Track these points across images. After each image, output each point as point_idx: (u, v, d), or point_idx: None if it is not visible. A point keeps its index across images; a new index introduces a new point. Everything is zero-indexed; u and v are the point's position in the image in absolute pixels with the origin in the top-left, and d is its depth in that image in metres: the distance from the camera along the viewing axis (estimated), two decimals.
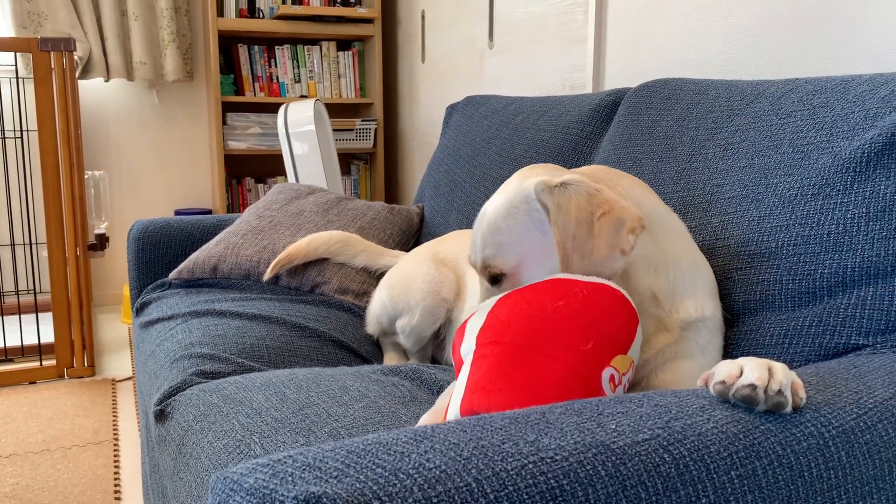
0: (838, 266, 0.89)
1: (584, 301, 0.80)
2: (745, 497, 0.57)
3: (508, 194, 0.92)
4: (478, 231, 0.93)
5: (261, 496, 0.49)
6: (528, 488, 0.52)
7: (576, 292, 0.81)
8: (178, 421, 1.08)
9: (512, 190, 0.92)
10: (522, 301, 0.83)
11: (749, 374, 0.62)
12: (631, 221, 0.86)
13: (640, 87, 1.39)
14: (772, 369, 0.63)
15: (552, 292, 0.82)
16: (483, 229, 0.92)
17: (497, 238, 0.91)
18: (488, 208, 0.93)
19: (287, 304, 1.50)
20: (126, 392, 2.61)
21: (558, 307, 0.80)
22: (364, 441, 0.56)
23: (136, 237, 1.85)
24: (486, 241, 0.92)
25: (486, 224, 0.92)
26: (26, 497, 1.86)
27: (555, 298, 0.81)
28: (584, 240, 0.86)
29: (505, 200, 0.91)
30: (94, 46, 3.38)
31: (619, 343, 0.79)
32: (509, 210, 0.90)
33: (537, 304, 0.81)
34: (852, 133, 0.94)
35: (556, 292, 0.82)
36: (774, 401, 0.61)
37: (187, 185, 3.82)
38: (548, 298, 0.82)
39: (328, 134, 3.03)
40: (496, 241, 0.91)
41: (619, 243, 0.85)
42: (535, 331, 0.79)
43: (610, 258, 0.85)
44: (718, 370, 0.66)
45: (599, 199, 0.87)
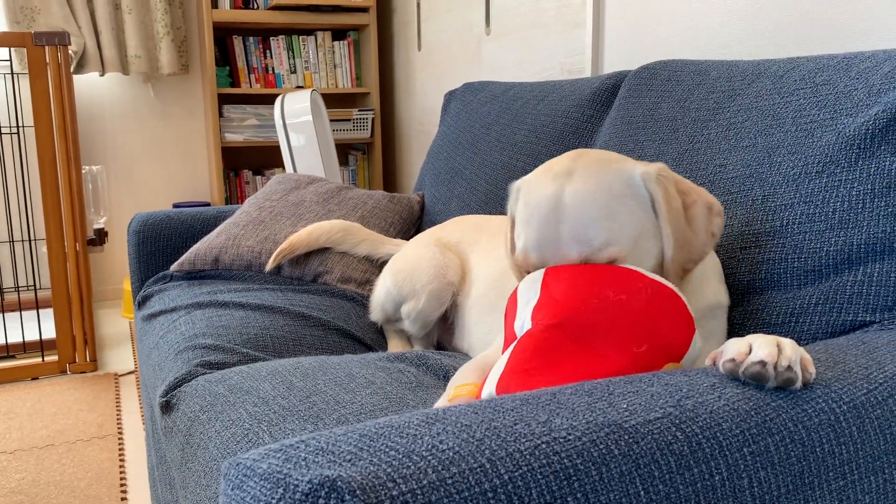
0: (844, 243, 0.89)
1: (646, 299, 0.76)
2: (757, 474, 0.57)
3: (598, 177, 0.84)
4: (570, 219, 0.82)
5: (275, 480, 0.49)
6: (541, 468, 0.52)
7: (640, 288, 0.77)
8: (185, 412, 1.08)
9: (600, 173, 0.84)
10: (583, 284, 0.78)
11: (758, 350, 0.62)
12: (716, 205, 0.88)
13: (640, 69, 1.38)
14: (780, 345, 0.63)
15: (615, 282, 0.77)
16: (584, 216, 0.82)
17: (609, 225, 0.81)
18: (577, 192, 0.83)
19: (290, 294, 1.50)
20: (129, 386, 2.61)
21: (620, 301, 0.75)
22: (376, 424, 0.56)
23: (136, 230, 1.84)
24: (594, 230, 0.81)
25: (587, 211, 0.82)
26: (32, 492, 1.86)
27: (618, 290, 0.76)
28: (685, 229, 0.85)
29: (599, 183, 0.83)
30: (88, 41, 3.37)
31: (673, 351, 0.75)
32: (614, 193, 0.83)
33: (598, 292, 0.76)
34: (856, 110, 0.93)
35: (619, 283, 0.77)
36: (784, 377, 0.61)
37: (185, 179, 3.81)
38: (610, 289, 0.76)
39: (325, 124, 3.02)
40: (608, 228, 0.81)
41: (710, 227, 0.87)
42: (591, 322, 0.75)
43: (706, 244, 0.86)
44: (727, 348, 0.66)
45: (684, 187, 0.88)
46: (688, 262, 0.85)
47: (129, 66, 3.48)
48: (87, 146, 3.61)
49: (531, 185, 0.87)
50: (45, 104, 2.60)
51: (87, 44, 3.37)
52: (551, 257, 0.83)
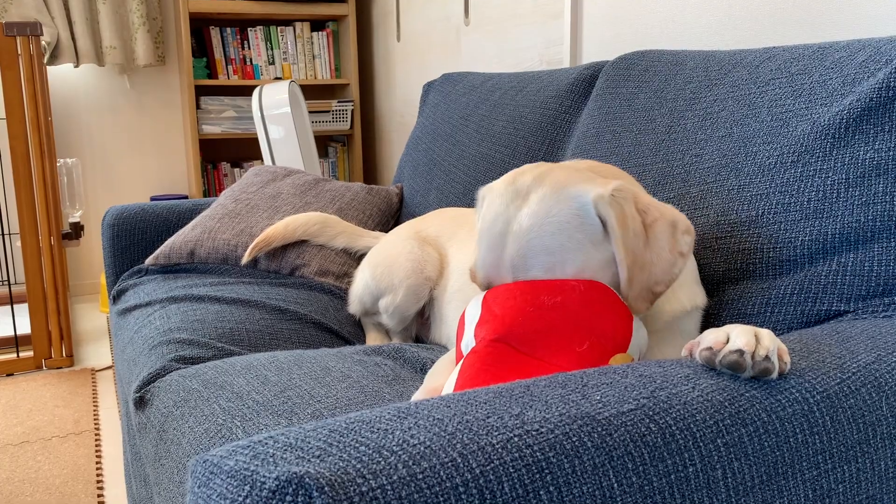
0: (818, 233, 0.89)
1: (580, 298, 0.77)
2: (731, 464, 0.57)
3: (549, 205, 0.81)
4: (513, 247, 0.82)
5: (241, 478, 0.48)
6: (513, 462, 0.51)
7: (572, 287, 0.78)
8: (158, 407, 1.07)
9: (552, 200, 0.82)
10: (519, 294, 0.78)
11: (736, 340, 0.62)
12: (682, 221, 0.83)
13: (618, 59, 1.38)
14: (758, 335, 0.63)
15: (549, 288, 0.78)
16: (524, 248, 0.81)
17: (547, 259, 0.80)
18: (524, 221, 0.82)
19: (266, 288, 1.49)
20: (106, 381, 2.58)
21: (555, 304, 0.76)
22: (347, 419, 0.55)
23: (110, 223, 1.82)
24: (532, 263, 0.80)
25: (529, 242, 0.81)
26: (7, 489, 1.84)
27: (552, 293, 0.77)
28: (643, 251, 0.80)
29: (548, 213, 0.81)
30: (61, 31, 3.31)
31: (617, 342, 0.76)
32: (559, 226, 0.80)
33: (532, 300, 0.77)
34: (831, 99, 0.93)
35: (553, 288, 0.78)
36: (761, 366, 0.61)
37: (162, 171, 3.77)
38: (545, 294, 0.77)
39: (304, 116, 2.99)
40: (546, 263, 0.80)
41: (677, 246, 0.82)
42: (531, 331, 0.75)
43: (672, 265, 0.81)
44: (705, 338, 0.65)
45: (644, 205, 0.83)
46: (655, 284, 0.81)
47: (104, 57, 3.43)
48: (62, 139, 3.56)
49: (492, 198, 0.86)
50: (16, 96, 2.56)
51: (61, 34, 3.31)
52: (494, 279, 0.84)
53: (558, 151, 1.46)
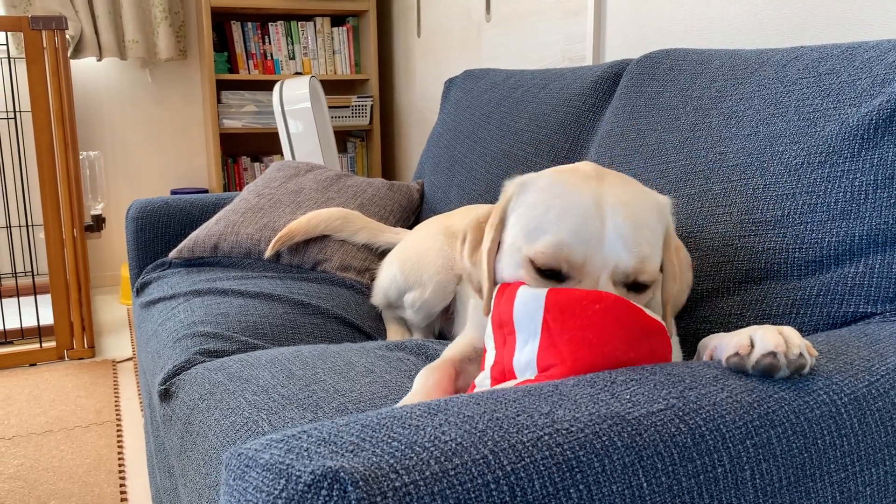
0: (846, 234, 0.89)
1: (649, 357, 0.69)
2: (759, 465, 0.57)
3: (633, 188, 0.78)
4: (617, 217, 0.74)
5: (277, 471, 0.49)
6: (544, 460, 0.52)
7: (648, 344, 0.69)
8: (184, 400, 1.08)
9: (631, 185, 0.79)
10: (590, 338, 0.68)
11: (764, 342, 0.62)
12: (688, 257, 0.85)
13: (643, 58, 1.38)
14: (784, 333, 0.63)
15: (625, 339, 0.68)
16: (631, 219, 0.74)
17: (651, 237, 0.75)
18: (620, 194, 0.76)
19: (289, 282, 1.50)
20: (126, 373, 2.61)
21: (629, 360, 0.68)
22: (378, 415, 0.56)
23: (134, 217, 1.84)
24: (641, 236, 0.74)
25: (633, 213, 0.74)
26: (31, 478, 1.86)
27: (627, 350, 0.68)
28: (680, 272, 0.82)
29: (637, 194, 0.77)
30: (85, 25, 3.34)
31: None
32: (652, 207, 0.77)
33: (609, 351, 0.68)
34: (859, 100, 0.93)
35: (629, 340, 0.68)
36: (796, 364, 0.61)
37: (183, 165, 3.80)
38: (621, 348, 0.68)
39: (324, 111, 3.00)
40: (650, 240, 0.75)
41: (688, 279, 0.84)
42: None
43: (684, 293, 0.83)
44: (725, 344, 0.66)
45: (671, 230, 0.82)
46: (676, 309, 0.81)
47: (126, 51, 3.46)
48: (84, 132, 3.59)
49: (550, 181, 0.79)
50: (42, 89, 2.59)
51: (85, 28, 3.34)
52: (595, 256, 0.73)
53: (582, 149, 1.46)
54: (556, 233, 0.74)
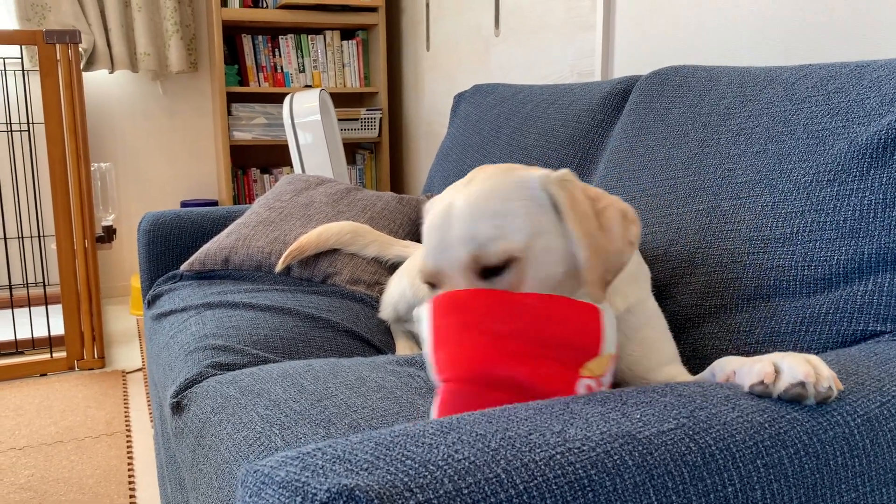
0: (855, 252, 0.89)
1: (536, 316, 0.73)
2: (770, 486, 0.57)
3: (493, 181, 0.81)
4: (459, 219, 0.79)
5: (293, 489, 0.50)
6: (556, 479, 0.52)
7: (525, 306, 0.73)
8: (196, 413, 1.09)
9: (497, 178, 0.81)
10: (465, 327, 0.74)
11: (793, 370, 0.62)
12: (630, 211, 0.83)
13: (652, 74, 1.39)
14: (811, 362, 0.63)
15: (499, 313, 0.73)
16: (470, 214, 0.78)
17: (496, 221, 0.77)
18: (470, 195, 0.80)
19: (299, 295, 1.51)
20: (136, 383, 2.62)
21: (512, 332, 0.72)
22: (391, 433, 0.57)
23: (146, 229, 1.85)
24: (480, 227, 0.77)
25: (474, 209, 0.78)
26: (42, 488, 1.87)
27: (505, 321, 0.72)
28: (598, 235, 0.78)
29: (493, 186, 0.80)
30: (97, 38, 3.38)
31: (586, 349, 0.73)
32: (506, 193, 0.79)
33: (487, 329, 0.73)
34: (868, 118, 0.93)
35: (502, 312, 0.73)
36: (823, 395, 0.62)
37: (193, 177, 3.82)
38: (497, 321, 0.73)
39: (333, 123, 3.02)
40: (494, 224, 0.77)
41: (627, 235, 0.81)
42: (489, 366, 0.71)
43: (623, 253, 0.80)
44: (748, 370, 0.66)
45: (593, 193, 0.82)
46: (607, 272, 0.79)
47: (138, 63, 3.49)
48: (95, 143, 3.62)
49: (433, 200, 0.85)
50: (55, 102, 2.62)
51: (97, 41, 3.38)
52: (444, 261, 0.79)
53: (591, 165, 1.47)
54: (423, 251, 0.82)
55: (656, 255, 1.13)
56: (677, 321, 1.06)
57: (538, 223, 0.78)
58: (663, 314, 0.98)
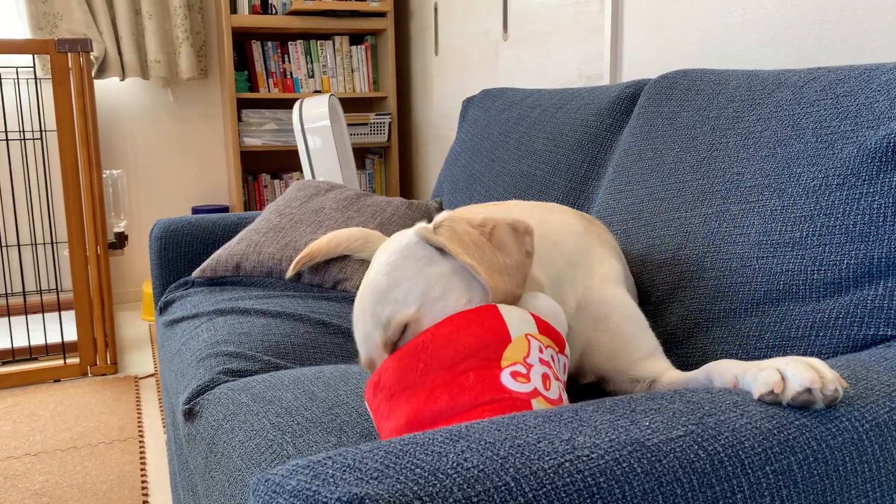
0: (864, 257, 0.89)
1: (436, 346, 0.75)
2: (779, 492, 0.57)
3: (381, 263, 0.87)
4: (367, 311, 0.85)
5: (304, 498, 0.50)
6: (565, 487, 0.53)
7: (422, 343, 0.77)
8: (208, 420, 1.10)
9: (382, 256, 0.88)
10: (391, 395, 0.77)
11: (798, 377, 0.62)
12: (520, 224, 0.87)
13: (660, 78, 1.39)
14: (814, 366, 0.63)
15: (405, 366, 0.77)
16: (373, 303, 0.84)
17: (392, 295, 0.83)
18: (365, 289, 0.86)
19: (310, 301, 1.52)
20: (149, 389, 2.64)
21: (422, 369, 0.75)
22: (401, 441, 0.57)
23: (158, 236, 1.86)
24: (381, 309, 0.83)
25: (373, 296, 0.84)
26: (56, 494, 1.89)
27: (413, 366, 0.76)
28: (495, 257, 0.83)
29: (381, 268, 0.86)
30: (109, 46, 3.40)
31: (496, 342, 0.74)
32: (391, 268, 0.85)
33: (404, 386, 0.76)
34: (878, 122, 0.93)
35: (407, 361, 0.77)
36: (830, 398, 0.62)
37: (204, 183, 3.84)
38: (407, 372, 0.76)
39: (343, 128, 3.03)
40: (392, 299, 0.83)
41: (523, 246, 0.86)
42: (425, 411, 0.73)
43: (523, 263, 0.84)
44: (756, 379, 0.65)
45: (479, 221, 0.87)
46: (513, 286, 0.83)
47: (148, 70, 3.52)
48: (107, 150, 3.65)
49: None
50: (67, 110, 2.64)
51: (108, 49, 3.41)
52: (371, 350, 0.85)
53: (599, 169, 1.47)
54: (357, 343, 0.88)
55: (664, 259, 1.13)
56: (686, 326, 1.06)
57: (428, 276, 0.83)
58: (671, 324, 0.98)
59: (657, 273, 1.13)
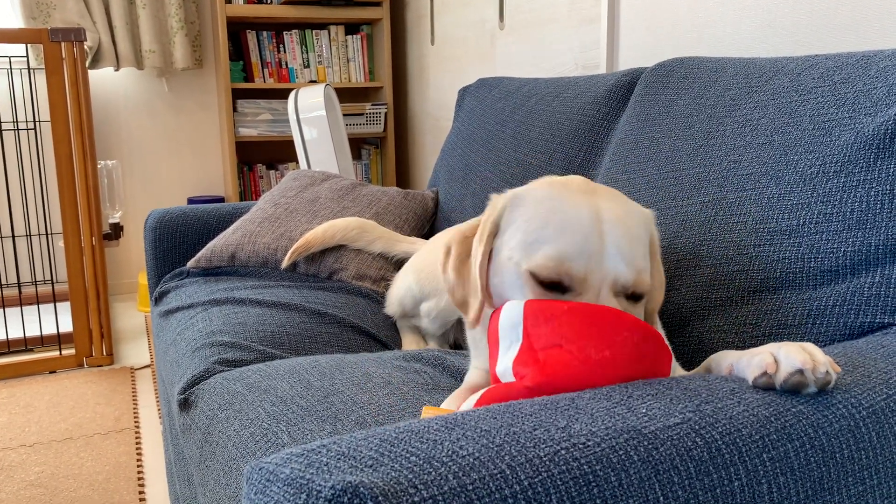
0: (862, 244, 0.88)
1: (631, 353, 0.69)
2: (776, 479, 0.57)
3: (624, 203, 0.81)
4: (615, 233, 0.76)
5: (298, 486, 0.50)
6: (561, 474, 0.52)
7: (624, 339, 0.70)
8: (203, 409, 1.09)
9: (622, 200, 0.81)
10: (563, 337, 0.70)
11: (790, 359, 0.62)
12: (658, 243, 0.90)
13: (657, 66, 1.38)
14: (806, 349, 0.63)
15: (598, 336, 0.70)
16: (628, 234, 0.77)
17: (643, 250, 0.78)
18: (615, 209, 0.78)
19: (306, 291, 1.51)
20: (145, 380, 2.63)
21: (603, 359, 0.69)
22: (396, 429, 0.57)
23: (152, 227, 1.86)
24: (636, 251, 0.76)
25: (629, 229, 0.77)
26: (52, 485, 1.89)
27: (600, 347, 0.69)
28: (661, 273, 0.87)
29: (629, 209, 0.80)
30: (103, 36, 3.38)
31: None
32: (640, 221, 0.80)
33: (579, 349, 0.69)
34: (875, 109, 0.93)
35: (602, 337, 0.70)
36: (823, 381, 0.61)
37: (199, 173, 3.83)
38: (593, 345, 0.69)
39: (339, 119, 3.02)
40: (644, 254, 0.78)
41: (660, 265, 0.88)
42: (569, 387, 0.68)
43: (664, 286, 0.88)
44: (747, 363, 0.66)
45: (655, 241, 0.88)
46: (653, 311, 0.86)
47: (143, 60, 3.50)
48: (101, 141, 3.63)
49: (544, 194, 0.81)
50: (61, 100, 2.62)
51: (102, 39, 3.38)
52: (595, 270, 0.75)
53: (596, 158, 1.47)
54: (556, 246, 0.76)
55: (661, 247, 1.13)
56: (683, 314, 1.05)
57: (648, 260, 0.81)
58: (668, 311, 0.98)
59: None
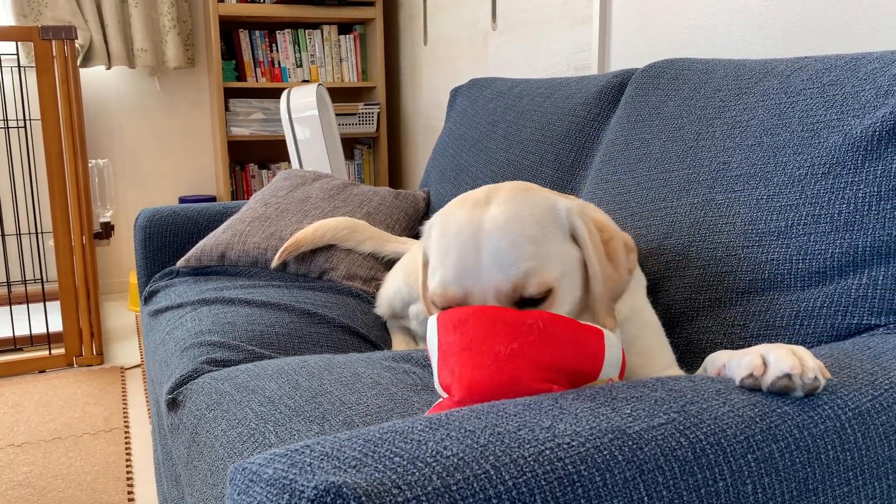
0: (849, 246, 0.89)
1: (539, 340, 0.69)
2: (761, 480, 0.57)
3: (519, 202, 0.78)
4: (492, 242, 0.75)
5: (280, 486, 0.49)
6: (545, 474, 0.52)
7: (529, 327, 0.70)
8: (191, 409, 1.09)
9: (521, 199, 0.79)
10: (471, 340, 0.70)
11: (779, 363, 0.62)
12: (630, 241, 0.87)
13: (647, 67, 1.38)
14: (797, 354, 0.63)
15: (503, 332, 0.70)
16: (507, 239, 0.75)
17: (534, 249, 0.75)
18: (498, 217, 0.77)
19: (295, 291, 1.51)
20: (135, 379, 2.62)
21: (512, 352, 0.68)
22: (380, 429, 0.57)
23: (142, 226, 1.85)
24: (520, 253, 0.74)
25: (510, 233, 0.75)
26: (40, 485, 1.88)
27: (507, 341, 0.69)
28: (606, 265, 0.80)
29: (521, 209, 0.77)
30: (94, 34, 3.37)
31: (584, 373, 0.70)
32: (538, 218, 0.77)
33: (489, 347, 0.69)
34: (863, 111, 0.93)
35: (507, 332, 0.70)
36: (810, 386, 0.61)
37: (191, 172, 3.82)
38: (500, 340, 0.69)
39: (331, 118, 3.01)
40: (533, 253, 0.75)
41: (628, 264, 0.84)
42: (488, 387, 0.68)
43: (625, 281, 0.82)
44: (737, 363, 0.66)
45: (601, 223, 0.84)
46: (612, 299, 0.80)
47: (135, 59, 3.49)
48: (93, 140, 3.62)
49: (445, 215, 0.81)
50: (51, 98, 2.61)
51: (94, 37, 3.37)
52: (474, 287, 0.75)
53: (586, 158, 1.47)
54: (441, 273, 0.77)
55: (650, 248, 1.13)
56: (671, 315, 1.05)
57: (566, 255, 0.78)
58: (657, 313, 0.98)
59: (643, 262, 1.13)
